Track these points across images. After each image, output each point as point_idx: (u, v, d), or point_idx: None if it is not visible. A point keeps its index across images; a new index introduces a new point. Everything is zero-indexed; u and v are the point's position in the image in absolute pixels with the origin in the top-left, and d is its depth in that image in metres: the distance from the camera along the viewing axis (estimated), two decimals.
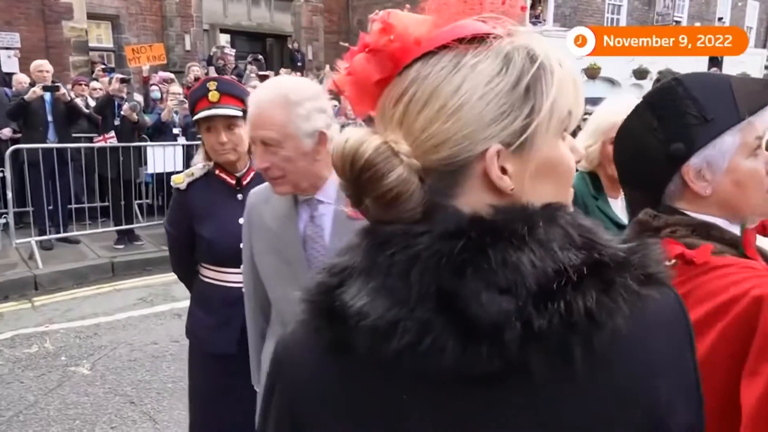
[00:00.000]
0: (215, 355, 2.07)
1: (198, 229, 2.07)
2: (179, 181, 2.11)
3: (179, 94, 7.62)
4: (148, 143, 6.95)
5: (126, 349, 4.43)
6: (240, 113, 1.98)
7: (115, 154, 6.62)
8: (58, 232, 6.67)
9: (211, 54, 12.99)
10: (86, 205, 7.23)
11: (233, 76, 9.82)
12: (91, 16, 11.88)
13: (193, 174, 2.11)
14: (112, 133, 6.83)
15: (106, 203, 7.16)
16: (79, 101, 7.10)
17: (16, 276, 5.84)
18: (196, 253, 2.15)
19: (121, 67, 11.11)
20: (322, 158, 1.45)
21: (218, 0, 15.07)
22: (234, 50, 13.29)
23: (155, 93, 8.58)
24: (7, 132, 6.97)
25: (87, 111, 7.11)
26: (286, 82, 1.50)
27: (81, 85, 8.00)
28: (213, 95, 1.98)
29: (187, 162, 6.11)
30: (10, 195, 6.12)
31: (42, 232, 6.51)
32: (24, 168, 6.39)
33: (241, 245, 1.71)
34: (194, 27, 14.31)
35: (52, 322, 4.97)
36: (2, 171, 6.07)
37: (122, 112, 6.63)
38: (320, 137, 1.44)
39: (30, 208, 6.56)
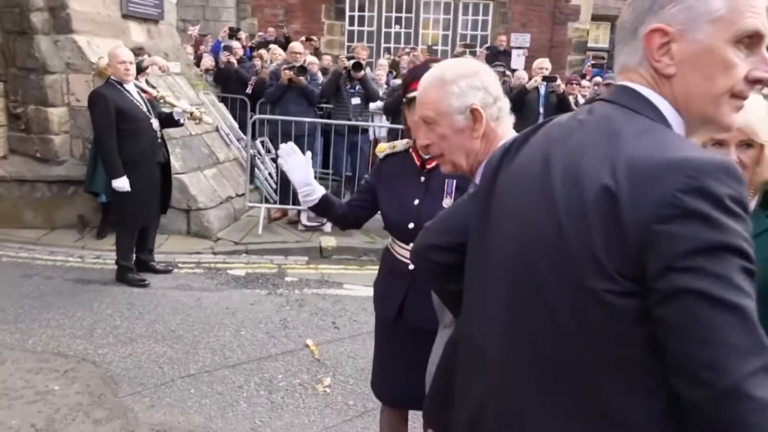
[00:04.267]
0: (383, 317, 2.23)
1: (379, 199, 2.24)
2: (381, 150, 2.28)
3: None
4: None
5: None
6: None
7: None
8: None
9: None
10: None
11: None
12: (593, 18, 12.52)
13: (395, 147, 2.25)
14: None
15: None
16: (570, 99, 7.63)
17: None
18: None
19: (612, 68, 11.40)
20: (480, 137, 1.46)
21: None
22: None
23: None
24: None
25: (573, 108, 7.59)
26: (447, 64, 1.55)
27: (572, 84, 8.53)
28: None
29: None
30: None
31: None
32: None
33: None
34: None
35: None
36: None
37: None
38: (473, 114, 1.45)
39: None
